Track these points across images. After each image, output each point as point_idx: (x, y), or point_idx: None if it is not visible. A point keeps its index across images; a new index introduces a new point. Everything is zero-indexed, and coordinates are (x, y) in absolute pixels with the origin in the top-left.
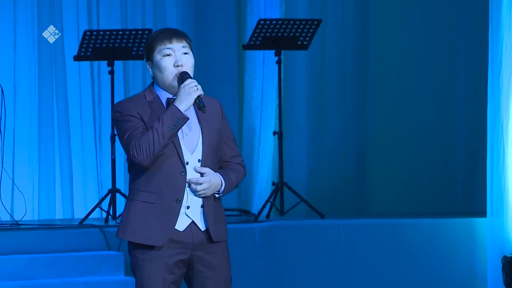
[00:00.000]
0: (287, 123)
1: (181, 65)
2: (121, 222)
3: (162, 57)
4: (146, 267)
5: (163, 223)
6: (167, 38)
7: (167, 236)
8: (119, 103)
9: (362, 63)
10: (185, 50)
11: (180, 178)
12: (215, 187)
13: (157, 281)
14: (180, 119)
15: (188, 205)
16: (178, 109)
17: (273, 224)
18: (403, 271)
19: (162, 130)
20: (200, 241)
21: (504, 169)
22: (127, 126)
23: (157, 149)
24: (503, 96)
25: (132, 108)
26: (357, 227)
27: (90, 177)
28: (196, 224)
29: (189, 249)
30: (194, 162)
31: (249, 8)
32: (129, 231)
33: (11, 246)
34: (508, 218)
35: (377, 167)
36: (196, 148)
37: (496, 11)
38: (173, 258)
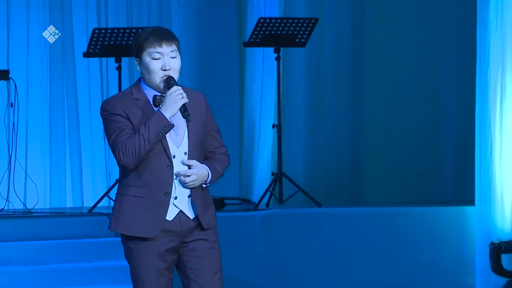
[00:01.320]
0: (285, 116)
1: (169, 68)
2: (113, 215)
3: (151, 60)
4: (139, 257)
5: (154, 216)
6: (157, 42)
7: (159, 228)
8: (106, 101)
9: (357, 60)
10: (173, 54)
11: (168, 172)
12: (202, 178)
13: (151, 270)
14: (166, 126)
15: (175, 196)
16: (164, 116)
17: (272, 212)
18: (395, 257)
19: (148, 136)
20: (188, 228)
21: (491, 160)
22: (113, 127)
23: (142, 153)
24: (490, 91)
25: (119, 107)
26: (352, 215)
27: (99, 167)
28: (184, 213)
29: (178, 236)
30: (180, 155)
31: (249, 8)
32: (122, 225)
33: (24, 233)
34: (495, 206)
35: (372, 158)
36: (182, 142)
37: (484, 11)
38: (164, 247)
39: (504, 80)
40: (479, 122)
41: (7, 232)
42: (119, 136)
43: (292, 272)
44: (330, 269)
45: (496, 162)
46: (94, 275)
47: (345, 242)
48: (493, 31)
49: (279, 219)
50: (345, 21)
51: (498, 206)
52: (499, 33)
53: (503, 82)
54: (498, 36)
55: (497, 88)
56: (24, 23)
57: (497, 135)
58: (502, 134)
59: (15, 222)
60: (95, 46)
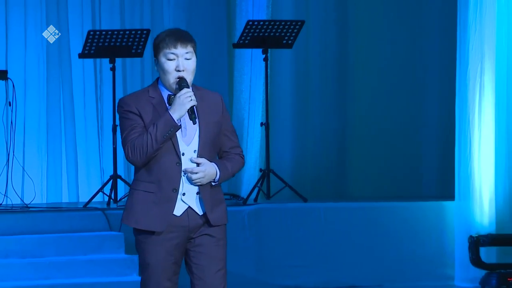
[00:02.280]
0: (273, 115)
1: (183, 69)
2: (125, 209)
3: (166, 60)
4: (148, 249)
5: (162, 211)
6: (172, 43)
7: (166, 223)
8: (122, 99)
9: (342, 60)
10: (188, 55)
11: (176, 168)
12: (210, 176)
13: (158, 262)
14: (173, 127)
15: (184, 192)
16: (172, 117)
17: (260, 207)
18: (378, 249)
19: (155, 135)
20: (196, 224)
21: (470, 157)
22: (126, 124)
23: (149, 152)
24: (469, 91)
25: (133, 105)
26: (337, 210)
27: (93, 164)
28: (192, 209)
29: (186, 231)
30: (190, 153)
31: (238, 10)
32: (132, 218)
33: (21, 227)
34: (474, 201)
35: (356, 155)
36: (192, 140)
37: (464, 13)
38: (172, 241)
39: (483, 80)
40: (459, 121)
41: (6, 226)
42: (130, 134)
43: (279, 264)
44: (316, 261)
45: (475, 159)
46: (89, 267)
47: (330, 235)
48: (472, 32)
49: (267, 214)
50: (330, 23)
51: (477, 201)
52: (478, 34)
53: (482, 82)
54: (477, 37)
55: (476, 87)
56: (22, 25)
57: (476, 133)
58: (481, 132)
59: (13, 217)
60: (90, 47)
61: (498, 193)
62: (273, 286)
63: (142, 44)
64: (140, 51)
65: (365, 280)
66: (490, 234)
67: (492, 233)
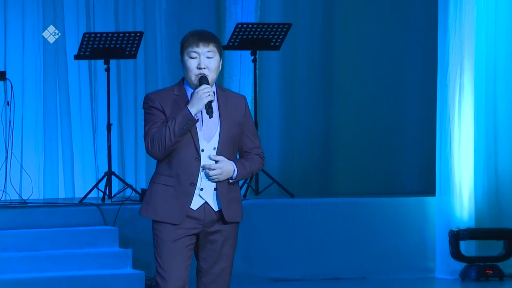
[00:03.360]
0: (261, 115)
1: (204, 67)
2: (144, 201)
3: (188, 59)
4: (163, 239)
5: (180, 204)
6: (195, 42)
7: (183, 215)
8: (148, 95)
9: (328, 62)
10: (210, 54)
11: (195, 163)
12: (227, 173)
13: (171, 252)
14: (190, 121)
15: (201, 188)
16: (190, 112)
17: (249, 203)
18: (362, 243)
19: (173, 129)
20: (211, 219)
21: (450, 155)
22: (149, 119)
23: (168, 145)
24: (450, 91)
25: (157, 101)
26: (323, 205)
27: (88, 161)
28: (209, 204)
29: (200, 225)
30: (209, 150)
31: (227, 13)
32: (151, 210)
33: (19, 221)
34: (454, 197)
35: (341, 153)
36: (213, 138)
37: (444, 17)
38: (186, 232)
39: (462, 80)
40: (440, 119)
41: (4, 221)
42: (151, 128)
43: (267, 257)
44: (302, 255)
45: (455, 156)
46: (85, 260)
47: (316, 230)
48: (452, 35)
49: (255, 209)
50: (316, 27)
51: (457, 197)
52: (457, 37)
53: (461, 82)
54: (456, 40)
55: (456, 87)
56: (20, 28)
57: (456, 131)
58: (461, 130)
59: (11, 212)
60: (86, 49)
61: (477, 189)
62: (261, 278)
63: (135, 46)
64: (133, 53)
65: (349, 272)
66: (469, 228)
67: (472, 227)
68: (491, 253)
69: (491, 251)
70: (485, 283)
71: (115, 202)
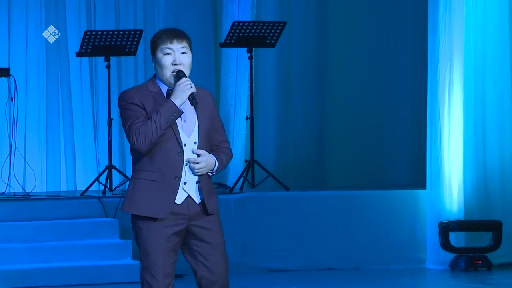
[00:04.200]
0: (257, 109)
1: (179, 63)
2: (126, 198)
3: (163, 55)
4: (148, 236)
5: (164, 198)
6: (168, 39)
7: (168, 209)
8: (125, 92)
9: (322, 59)
10: (184, 50)
11: (178, 158)
12: (210, 166)
13: (158, 249)
14: (175, 112)
15: (185, 181)
16: (174, 104)
17: (245, 196)
18: (355, 235)
19: (159, 122)
20: (195, 212)
21: (440, 149)
22: (129, 115)
23: (154, 138)
24: (439, 87)
25: (136, 97)
26: (317, 198)
27: (90, 155)
28: (192, 197)
29: (186, 219)
30: (191, 144)
31: (224, 12)
32: (135, 206)
33: (23, 214)
34: (444, 190)
35: (334, 147)
36: (192, 132)
37: (434, 16)
38: (172, 229)
39: (452, 77)
40: (430, 115)
41: (8, 213)
42: (134, 123)
43: (263, 248)
44: (297, 246)
45: (445, 151)
46: (86, 251)
47: (311, 222)
48: (442, 33)
49: (251, 202)
50: (311, 24)
51: (447, 190)
52: (447, 35)
53: (451, 79)
54: (446, 38)
55: (446, 84)
56: (23, 26)
57: (446, 126)
58: (450, 125)
59: (15, 204)
60: (87, 46)
61: (466, 182)
62: (257, 269)
63: (135, 44)
64: (133, 50)
65: (343, 263)
66: (458, 220)
67: (461, 219)
68: (479, 244)
69: (479, 242)
70: (474, 273)
71: (116, 195)
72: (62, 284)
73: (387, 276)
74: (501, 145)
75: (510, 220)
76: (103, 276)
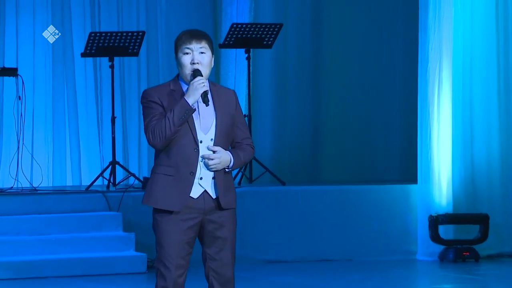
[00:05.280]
0: (255, 108)
1: (197, 62)
2: (145, 191)
3: (182, 55)
4: (165, 228)
5: (180, 192)
6: (188, 39)
7: (183, 203)
8: (146, 91)
9: (317, 59)
10: (202, 50)
11: (194, 154)
12: (224, 163)
13: (173, 241)
14: (188, 110)
15: (201, 177)
16: (187, 102)
17: (243, 190)
18: (349, 228)
19: (173, 119)
20: (210, 207)
21: (430, 146)
22: (148, 113)
23: (168, 135)
24: (429, 86)
25: (155, 95)
26: (312, 192)
27: (94, 152)
28: (208, 192)
29: (201, 213)
30: (207, 141)
31: (223, 14)
32: (152, 199)
33: (30, 207)
34: (434, 184)
35: (329, 144)
36: (209, 130)
37: (424, 18)
38: (187, 223)
39: (441, 76)
40: (420, 113)
41: (16, 207)
42: (152, 120)
43: (261, 240)
44: (293, 238)
45: (434, 147)
46: (90, 243)
47: (306, 215)
48: (432, 35)
49: (249, 196)
50: (306, 26)
51: (436, 185)
52: (436, 36)
53: (440, 79)
54: (436, 39)
55: (435, 83)
56: (30, 28)
57: (435, 124)
58: (439, 123)
59: (23, 199)
60: (91, 47)
61: (455, 177)
62: (255, 260)
63: (138, 45)
64: (136, 51)
65: (337, 254)
66: (447, 213)
67: (450, 213)
68: (467, 237)
69: (467, 235)
70: (462, 264)
71: (119, 190)
72: (68, 274)
73: (379, 267)
74: (488, 142)
75: (497, 213)
76: (107, 267)
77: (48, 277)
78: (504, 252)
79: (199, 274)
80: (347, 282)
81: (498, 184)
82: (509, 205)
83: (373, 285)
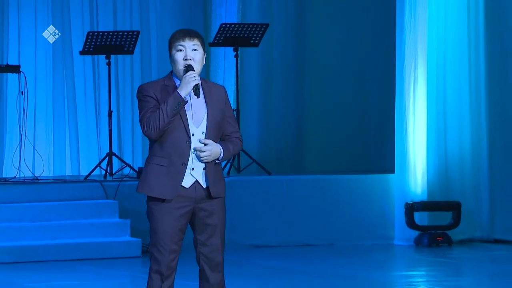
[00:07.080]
0: (242, 102)
1: (190, 59)
2: (140, 180)
3: (175, 52)
4: (158, 215)
5: (172, 181)
6: (181, 37)
7: (176, 192)
8: (142, 86)
9: (300, 57)
10: (195, 47)
11: (186, 146)
12: (215, 155)
13: (166, 227)
14: (180, 102)
15: (193, 167)
16: (179, 94)
17: (232, 179)
18: (331, 215)
19: (166, 110)
20: (201, 196)
21: (406, 137)
22: (143, 106)
23: (162, 125)
24: (405, 82)
25: (150, 90)
26: (296, 181)
27: (92, 143)
28: (199, 182)
29: (193, 202)
30: (198, 134)
31: (213, 15)
32: (146, 187)
33: (32, 196)
34: (410, 174)
35: (312, 136)
36: (201, 123)
37: (400, 19)
38: (180, 211)
39: (417, 73)
40: (398, 107)
41: (19, 195)
42: (146, 112)
43: (248, 227)
44: (278, 225)
45: (410, 139)
46: (89, 230)
47: (291, 203)
48: (408, 34)
49: (237, 185)
50: (290, 26)
51: (412, 174)
52: (412, 36)
53: (416, 75)
54: (411, 38)
55: (411, 80)
56: (32, 27)
57: (411, 117)
58: (415, 116)
59: (25, 188)
60: (89, 45)
61: (429, 168)
62: (243, 245)
63: (133, 43)
64: (131, 49)
65: (319, 239)
66: (422, 201)
67: (424, 200)
68: (441, 223)
69: (441, 221)
70: (436, 248)
71: (116, 179)
72: (68, 258)
73: (359, 251)
74: (460, 134)
75: (468, 201)
76: (104, 252)
77: (49, 261)
78: (475, 237)
79: (190, 258)
80: (329, 265)
81: (469, 174)
82: (479, 193)
83: (353, 268)
